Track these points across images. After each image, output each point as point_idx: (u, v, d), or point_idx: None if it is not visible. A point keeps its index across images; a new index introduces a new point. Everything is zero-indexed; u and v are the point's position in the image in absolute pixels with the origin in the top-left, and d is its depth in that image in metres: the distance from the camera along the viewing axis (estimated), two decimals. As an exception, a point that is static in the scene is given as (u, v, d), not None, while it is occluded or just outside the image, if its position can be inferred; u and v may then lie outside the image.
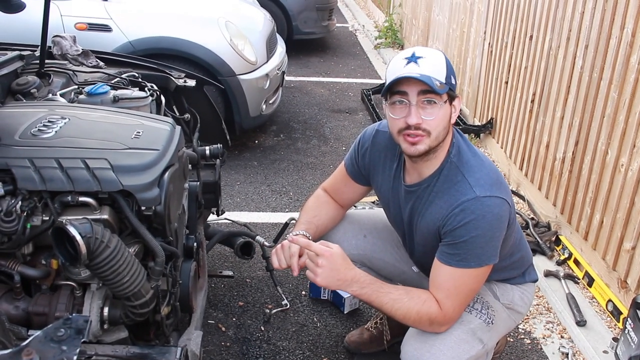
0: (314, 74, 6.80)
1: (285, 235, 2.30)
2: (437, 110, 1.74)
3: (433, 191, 1.86)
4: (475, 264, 1.78)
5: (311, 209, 2.20)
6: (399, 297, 1.83)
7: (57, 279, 1.63)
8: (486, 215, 1.74)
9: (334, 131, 5.12)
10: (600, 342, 2.62)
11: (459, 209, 1.76)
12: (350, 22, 9.97)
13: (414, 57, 1.74)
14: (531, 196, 3.79)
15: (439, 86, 1.70)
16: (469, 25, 5.13)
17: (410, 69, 1.72)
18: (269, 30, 4.76)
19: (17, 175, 1.56)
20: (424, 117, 1.73)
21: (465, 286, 1.83)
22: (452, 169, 1.83)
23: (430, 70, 1.71)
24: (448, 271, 1.80)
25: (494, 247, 1.80)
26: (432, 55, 1.76)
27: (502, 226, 1.80)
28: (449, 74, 1.76)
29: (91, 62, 2.74)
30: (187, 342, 1.83)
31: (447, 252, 1.80)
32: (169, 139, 1.84)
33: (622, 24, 2.79)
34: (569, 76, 3.29)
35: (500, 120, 4.39)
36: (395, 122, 1.78)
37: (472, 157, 1.85)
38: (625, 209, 2.72)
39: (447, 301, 1.81)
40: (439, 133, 1.77)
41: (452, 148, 1.85)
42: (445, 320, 1.84)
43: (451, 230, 1.78)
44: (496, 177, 1.83)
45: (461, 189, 1.79)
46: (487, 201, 1.75)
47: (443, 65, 1.75)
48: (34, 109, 1.95)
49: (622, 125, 2.76)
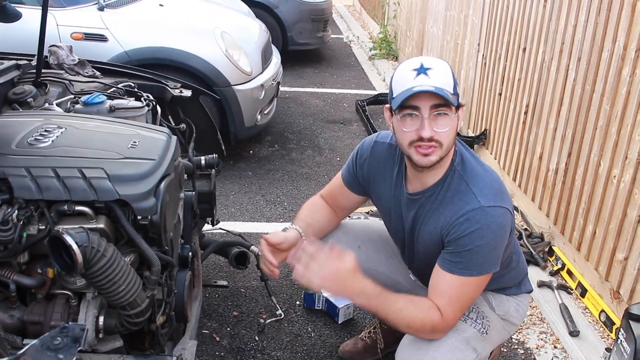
0: (309, 84, 6.82)
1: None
2: (449, 122, 1.74)
3: (437, 200, 1.87)
4: (477, 272, 1.80)
5: (307, 209, 2.21)
6: (404, 306, 1.82)
7: (53, 288, 1.63)
8: (490, 225, 1.76)
9: (328, 142, 5.14)
10: (593, 352, 2.63)
11: (464, 218, 1.77)
12: (345, 33, 10.02)
13: (423, 69, 1.72)
14: (524, 207, 3.81)
15: (452, 97, 1.70)
16: (462, 37, 5.17)
17: (421, 81, 1.70)
18: (264, 41, 4.79)
19: (14, 184, 1.56)
20: (436, 129, 1.72)
21: (466, 294, 1.84)
22: (456, 178, 1.85)
23: (441, 82, 1.70)
24: (450, 279, 1.81)
25: (496, 256, 1.82)
26: (440, 66, 1.74)
27: (505, 235, 1.83)
28: (455, 83, 1.76)
29: (87, 71, 2.75)
30: (181, 351, 1.83)
31: (450, 260, 1.81)
32: (165, 148, 1.85)
33: (614, 37, 2.82)
34: (561, 88, 3.32)
35: (493, 132, 4.42)
36: (406, 135, 1.76)
37: (475, 165, 1.87)
38: (618, 220, 2.74)
39: (449, 308, 1.82)
40: (449, 144, 1.78)
41: (455, 157, 1.87)
42: (446, 327, 1.85)
43: (455, 239, 1.79)
44: (499, 186, 1.85)
45: (466, 199, 1.80)
46: (492, 211, 1.77)
47: (450, 76, 1.75)
48: (30, 118, 1.96)
49: (615, 137, 2.78)
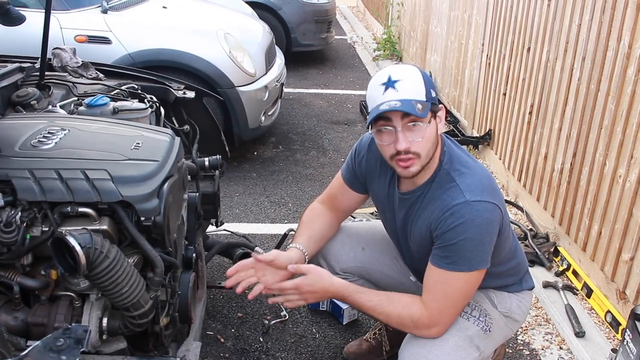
0: (313, 85, 6.82)
1: (284, 247, 2.30)
2: (424, 131, 1.74)
3: (426, 198, 1.87)
4: (465, 267, 1.79)
5: (305, 221, 2.21)
6: (379, 302, 1.90)
7: (56, 290, 1.63)
8: (475, 219, 1.75)
9: (332, 142, 5.13)
10: (599, 353, 2.62)
11: (449, 213, 1.78)
12: (349, 35, 10.01)
13: (390, 82, 1.72)
14: (529, 207, 3.79)
15: (420, 109, 1.69)
16: (467, 37, 5.16)
17: (389, 95, 1.71)
18: (268, 42, 4.79)
19: (17, 186, 1.56)
20: (411, 139, 1.74)
21: (454, 290, 1.84)
22: (444, 176, 1.85)
23: (409, 93, 1.71)
24: (438, 273, 1.82)
25: (484, 251, 1.81)
26: (408, 76, 1.74)
27: (493, 231, 1.81)
28: (428, 88, 1.74)
29: (91, 74, 2.75)
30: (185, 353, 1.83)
31: (439, 255, 1.82)
32: (168, 150, 1.85)
33: (619, 36, 2.81)
34: (566, 88, 3.31)
35: (498, 132, 4.41)
36: (385, 149, 1.79)
37: (464, 164, 1.87)
38: (624, 220, 2.73)
39: (434, 303, 1.83)
40: (429, 151, 1.79)
41: (443, 156, 1.87)
42: (431, 322, 1.85)
43: (442, 234, 1.80)
44: (488, 183, 1.84)
45: (452, 194, 1.80)
46: (477, 205, 1.76)
47: (421, 83, 1.73)
48: (34, 120, 1.96)
49: (620, 137, 2.77)
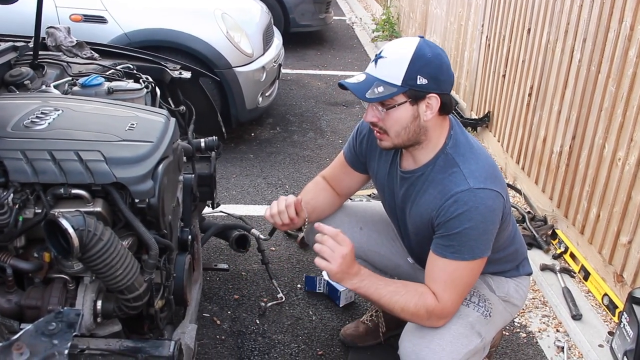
0: (311, 66, 6.78)
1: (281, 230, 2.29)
2: (392, 111, 1.75)
3: (427, 180, 1.85)
4: (469, 256, 1.78)
5: (309, 192, 2.21)
6: (396, 289, 1.83)
7: (50, 272, 1.61)
8: (479, 207, 1.74)
9: (330, 124, 5.11)
10: (596, 335, 2.63)
11: (452, 200, 1.75)
12: (348, 15, 9.94)
13: (377, 56, 1.77)
14: (528, 190, 3.78)
15: (379, 92, 1.71)
16: (466, 18, 5.11)
17: (368, 69, 1.77)
18: (266, 22, 4.74)
19: (9, 167, 1.54)
20: (378, 116, 1.78)
21: (460, 279, 1.82)
22: (448, 160, 1.83)
23: (383, 73, 1.72)
24: (443, 263, 1.80)
25: (487, 240, 1.80)
26: (395, 55, 1.73)
27: (496, 219, 1.80)
28: (413, 74, 1.70)
29: (85, 53, 2.72)
30: (181, 335, 1.82)
31: (442, 244, 1.80)
32: (163, 131, 1.82)
33: (621, 17, 2.77)
34: (566, 70, 3.28)
35: (497, 114, 4.39)
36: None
37: (469, 149, 1.84)
38: (622, 203, 2.72)
39: (445, 294, 1.80)
40: (399, 133, 1.78)
41: (448, 140, 1.84)
42: (443, 314, 1.83)
43: (444, 222, 1.77)
44: (492, 171, 1.82)
45: (455, 180, 1.78)
46: (481, 193, 1.74)
47: (403, 66, 1.70)
48: (27, 100, 1.93)
49: (620, 119, 2.75)
